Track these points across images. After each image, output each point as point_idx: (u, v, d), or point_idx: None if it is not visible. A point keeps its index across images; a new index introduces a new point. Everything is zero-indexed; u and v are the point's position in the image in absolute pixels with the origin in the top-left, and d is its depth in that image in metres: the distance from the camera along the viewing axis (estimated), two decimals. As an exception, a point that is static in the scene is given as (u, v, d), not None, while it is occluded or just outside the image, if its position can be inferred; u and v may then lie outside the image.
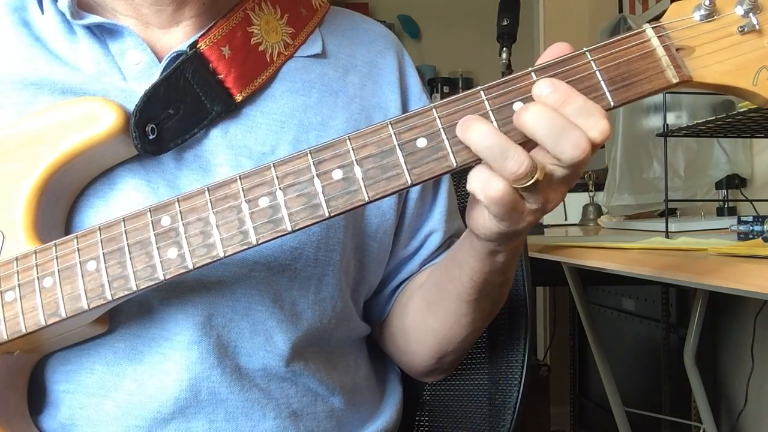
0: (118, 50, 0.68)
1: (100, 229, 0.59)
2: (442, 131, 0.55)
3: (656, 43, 0.56)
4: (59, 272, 0.59)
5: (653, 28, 0.56)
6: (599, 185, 1.99)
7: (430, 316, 0.76)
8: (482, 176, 0.55)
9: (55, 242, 0.60)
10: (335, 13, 0.81)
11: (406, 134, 0.55)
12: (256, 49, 0.71)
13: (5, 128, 0.65)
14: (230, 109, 0.69)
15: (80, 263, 0.58)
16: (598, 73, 0.55)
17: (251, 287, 0.68)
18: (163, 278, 0.57)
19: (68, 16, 0.68)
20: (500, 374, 0.87)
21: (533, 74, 0.55)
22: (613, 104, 0.55)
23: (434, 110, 0.55)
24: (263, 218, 0.56)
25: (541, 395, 2.69)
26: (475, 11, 3.57)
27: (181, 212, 0.57)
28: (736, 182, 1.81)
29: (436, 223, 0.81)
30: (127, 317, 0.66)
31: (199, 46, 0.68)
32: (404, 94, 0.80)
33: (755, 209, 1.60)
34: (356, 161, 0.55)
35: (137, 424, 0.66)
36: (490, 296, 0.70)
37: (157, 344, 0.66)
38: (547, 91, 0.54)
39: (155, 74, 0.68)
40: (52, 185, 0.63)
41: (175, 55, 0.68)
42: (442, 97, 1.26)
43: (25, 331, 0.59)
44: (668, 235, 1.30)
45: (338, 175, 0.55)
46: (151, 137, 0.65)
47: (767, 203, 1.61)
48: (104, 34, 0.69)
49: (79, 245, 0.59)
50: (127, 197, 0.65)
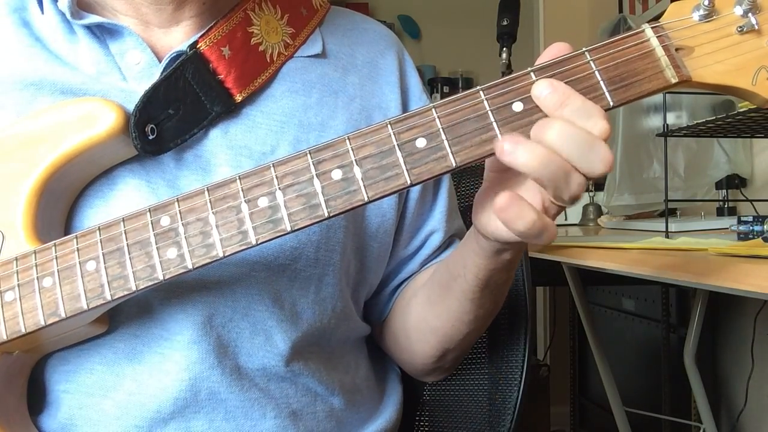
0: (118, 50, 0.68)
1: (99, 229, 0.58)
2: (441, 131, 0.55)
3: (655, 43, 0.56)
4: (59, 272, 0.59)
5: (652, 28, 0.56)
6: (599, 185, 1.99)
7: (432, 314, 0.76)
8: (513, 210, 0.53)
9: (54, 242, 0.60)
10: (335, 13, 0.81)
11: (405, 134, 0.55)
12: (256, 49, 0.71)
13: (5, 128, 0.65)
14: (230, 109, 0.69)
15: (80, 263, 0.58)
16: (597, 73, 0.55)
17: (251, 287, 0.68)
18: (162, 278, 0.57)
19: (68, 16, 0.68)
20: (500, 374, 0.87)
21: (532, 74, 0.55)
22: (612, 104, 0.55)
23: (434, 110, 0.55)
24: (263, 218, 0.55)
25: (541, 395, 2.68)
26: (475, 11, 3.56)
27: (180, 212, 0.57)
28: (736, 182, 1.81)
29: (436, 222, 0.81)
30: (126, 317, 0.66)
31: (199, 46, 0.68)
32: (405, 94, 0.80)
33: (755, 209, 1.60)
34: (356, 161, 0.55)
35: (137, 424, 0.66)
36: (493, 294, 0.70)
37: (156, 344, 0.66)
38: (546, 91, 0.54)
39: (155, 74, 0.68)
40: (51, 185, 0.63)
41: (175, 55, 0.68)
42: (442, 97, 1.26)
43: (24, 331, 0.59)
44: (668, 235, 1.30)
45: (338, 175, 0.55)
46: (150, 137, 0.65)
47: (767, 203, 1.61)
48: (104, 34, 0.69)
49: (78, 245, 0.59)
50: (126, 197, 0.65)
